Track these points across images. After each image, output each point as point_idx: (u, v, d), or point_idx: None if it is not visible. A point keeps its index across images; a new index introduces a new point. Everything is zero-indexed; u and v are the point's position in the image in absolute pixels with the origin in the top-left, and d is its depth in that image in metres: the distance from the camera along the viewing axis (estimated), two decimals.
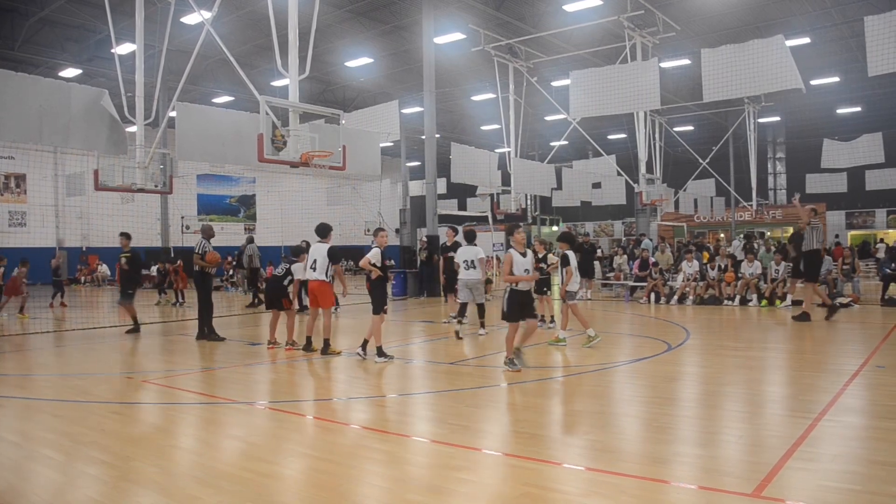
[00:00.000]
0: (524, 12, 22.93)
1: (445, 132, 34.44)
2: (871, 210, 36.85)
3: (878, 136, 25.02)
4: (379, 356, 8.59)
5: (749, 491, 3.89)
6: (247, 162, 13.86)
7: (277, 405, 6.57)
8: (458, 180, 20.37)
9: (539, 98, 25.36)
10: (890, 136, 26.36)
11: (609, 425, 5.60)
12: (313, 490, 4.22)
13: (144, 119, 15.39)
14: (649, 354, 8.97)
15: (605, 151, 25.96)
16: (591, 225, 48.48)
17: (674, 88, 28.21)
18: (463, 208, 32.82)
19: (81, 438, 5.40)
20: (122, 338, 11.76)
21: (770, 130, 41.04)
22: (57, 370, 8.85)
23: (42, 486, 4.38)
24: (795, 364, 8.39)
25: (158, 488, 4.25)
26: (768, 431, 5.23)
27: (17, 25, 22.77)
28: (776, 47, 14.83)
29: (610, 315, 14.39)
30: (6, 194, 30.76)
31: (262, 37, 23.74)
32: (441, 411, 6.19)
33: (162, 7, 17.68)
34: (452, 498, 4.01)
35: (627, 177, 23.92)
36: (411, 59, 27.26)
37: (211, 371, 8.71)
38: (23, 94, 11.09)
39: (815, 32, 23.86)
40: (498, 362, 8.78)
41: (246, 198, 39.72)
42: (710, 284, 15.99)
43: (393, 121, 18.05)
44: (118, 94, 14.62)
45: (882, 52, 12.87)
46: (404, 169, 32.40)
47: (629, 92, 17.02)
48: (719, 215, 36.27)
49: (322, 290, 9.34)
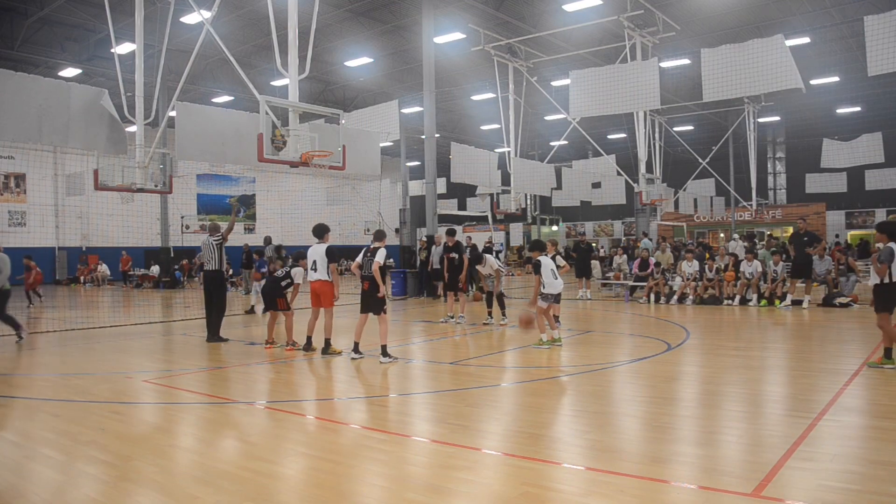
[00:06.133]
0: (524, 12, 22.94)
1: (445, 132, 34.45)
2: (871, 210, 36.86)
3: (878, 135, 25.05)
4: (384, 356, 8.59)
5: (749, 491, 3.89)
6: (247, 162, 13.86)
7: (277, 405, 6.57)
8: (458, 180, 20.36)
9: (539, 98, 25.37)
10: (890, 136, 26.39)
11: (609, 425, 5.60)
12: (313, 489, 4.22)
13: (144, 119, 15.38)
14: (649, 354, 8.97)
15: (605, 151, 25.96)
16: (591, 225, 48.51)
17: (674, 88, 28.22)
18: (463, 208, 32.86)
19: (81, 438, 5.40)
20: (123, 338, 11.76)
21: (770, 130, 41.05)
22: (57, 370, 8.85)
23: (42, 486, 4.38)
24: (795, 364, 8.39)
25: (158, 488, 4.25)
26: (768, 431, 5.23)
27: (16, 25, 22.77)
28: (776, 47, 14.83)
29: (610, 315, 14.39)
30: (6, 194, 30.76)
31: (261, 36, 23.76)
32: (441, 411, 6.19)
33: (162, 7, 17.69)
34: (452, 497, 4.01)
35: (627, 176, 23.92)
36: (411, 58, 27.27)
37: (211, 371, 8.70)
38: (22, 94, 11.07)
39: (815, 32, 23.88)
40: (498, 362, 8.81)
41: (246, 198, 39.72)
42: (708, 285, 16.00)
43: (393, 121, 18.04)
44: (118, 94, 14.61)
45: (882, 51, 12.87)
46: (404, 169, 32.42)
47: (629, 92, 17.01)
48: (719, 215, 36.28)
49: (324, 289, 9.34)
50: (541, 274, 9.32)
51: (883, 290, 7.49)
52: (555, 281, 9.38)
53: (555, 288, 9.38)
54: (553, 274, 9.40)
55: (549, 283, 9.31)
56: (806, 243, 14.98)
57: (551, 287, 9.33)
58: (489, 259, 12.53)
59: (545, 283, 9.30)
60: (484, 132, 36.76)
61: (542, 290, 9.34)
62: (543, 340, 9.42)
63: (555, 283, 9.37)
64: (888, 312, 7.47)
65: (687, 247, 22.52)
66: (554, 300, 9.50)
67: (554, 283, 9.36)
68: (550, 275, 9.35)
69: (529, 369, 8.16)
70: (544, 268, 9.36)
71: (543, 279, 9.30)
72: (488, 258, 12.56)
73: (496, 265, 12.62)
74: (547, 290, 9.32)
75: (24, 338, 11.13)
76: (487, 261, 12.44)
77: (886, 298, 7.48)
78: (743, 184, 32.19)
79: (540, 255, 9.51)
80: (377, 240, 8.92)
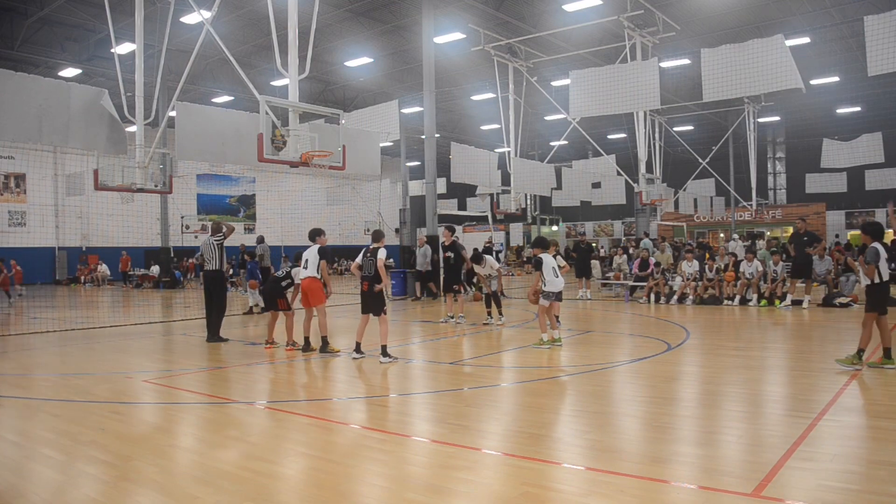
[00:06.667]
0: (524, 12, 22.94)
1: (445, 132, 34.45)
2: (871, 210, 36.83)
3: (878, 135, 25.04)
4: (384, 356, 8.59)
5: (749, 491, 3.89)
6: (247, 162, 13.86)
7: (277, 405, 6.57)
8: (458, 180, 20.36)
9: (539, 98, 25.37)
10: (890, 136, 26.38)
11: (609, 425, 5.60)
12: (313, 489, 4.22)
13: (144, 119, 15.39)
14: (649, 354, 8.97)
15: (605, 151, 25.96)
16: (591, 225, 48.51)
17: (674, 88, 28.22)
18: (463, 208, 32.85)
19: (81, 438, 5.40)
20: (123, 338, 11.76)
21: (770, 130, 41.06)
22: (57, 370, 8.85)
23: (42, 486, 4.38)
24: (795, 364, 8.39)
25: (158, 487, 4.25)
26: (768, 431, 5.23)
27: (16, 25, 22.77)
28: (776, 47, 14.83)
29: (610, 315, 14.39)
30: (6, 194, 30.76)
31: (261, 36, 23.77)
32: (441, 411, 6.19)
33: (162, 7, 17.70)
34: (452, 497, 4.01)
35: (627, 176, 23.92)
36: (411, 58, 27.28)
37: (211, 371, 8.70)
38: (22, 94, 11.07)
39: (815, 32, 23.88)
40: (498, 362, 8.81)
41: (246, 198, 39.73)
42: (708, 285, 16.00)
43: (393, 121, 18.04)
44: (118, 94, 14.62)
45: (882, 51, 12.87)
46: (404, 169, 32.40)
47: (629, 92, 17.01)
48: (719, 215, 36.28)
49: (311, 287, 9.34)
50: (542, 271, 9.32)
51: (875, 290, 7.49)
52: (556, 279, 9.38)
53: (556, 286, 9.38)
54: (554, 272, 9.40)
55: (550, 282, 9.31)
56: (806, 243, 14.99)
57: (552, 285, 9.33)
58: (489, 259, 12.52)
59: (546, 281, 9.29)
60: (484, 132, 36.76)
61: (543, 288, 9.34)
62: (544, 340, 9.42)
63: (556, 281, 9.37)
64: (879, 313, 7.47)
65: (687, 247, 22.52)
66: (555, 298, 9.50)
67: (555, 281, 9.36)
68: (552, 273, 9.35)
69: (529, 369, 8.16)
70: (546, 265, 9.35)
71: (544, 276, 9.29)
72: (488, 258, 12.55)
73: (496, 265, 12.61)
74: (548, 288, 9.32)
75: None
76: (487, 261, 12.42)
77: (879, 298, 7.48)
78: (743, 184, 32.19)
79: (542, 253, 9.51)
80: (376, 240, 8.93)
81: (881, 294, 7.48)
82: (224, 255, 11.02)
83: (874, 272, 7.39)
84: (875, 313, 7.46)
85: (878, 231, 7.67)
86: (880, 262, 7.39)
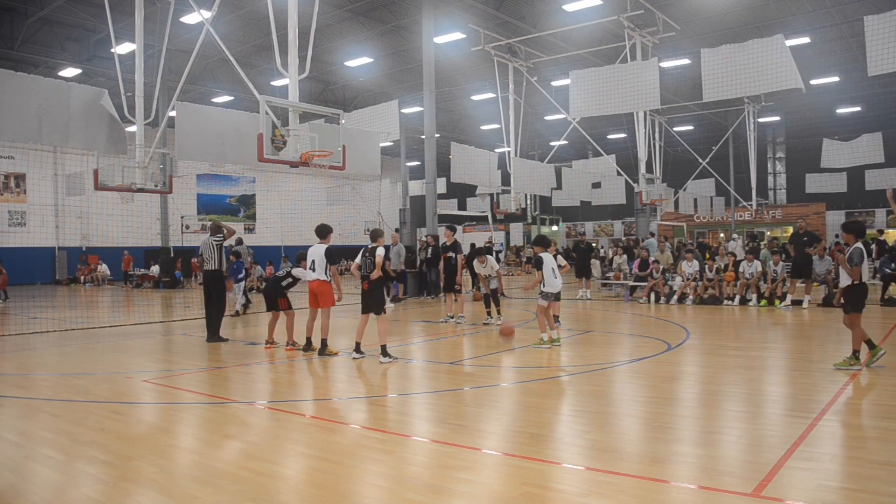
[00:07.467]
0: (524, 12, 22.95)
1: (445, 132, 34.46)
2: (871, 210, 36.86)
3: (878, 135, 25.04)
4: (384, 356, 8.59)
5: (749, 491, 3.89)
6: (247, 162, 13.86)
7: (277, 405, 6.57)
8: (458, 180, 20.36)
9: (539, 98, 25.37)
10: (890, 136, 26.38)
11: (609, 425, 5.60)
12: (313, 489, 4.22)
13: (144, 119, 15.39)
14: (649, 354, 8.96)
15: (605, 151, 25.97)
16: (591, 225, 48.51)
17: (674, 88, 28.23)
18: (463, 208, 32.85)
19: (81, 438, 5.40)
20: (123, 338, 11.76)
21: (770, 130, 41.07)
22: (57, 370, 8.85)
23: (42, 486, 4.38)
24: (795, 364, 8.38)
25: (158, 488, 4.25)
26: (768, 431, 5.23)
27: (16, 25, 22.78)
28: (776, 47, 14.83)
29: (610, 315, 14.39)
30: (6, 194, 30.76)
31: (261, 36, 23.78)
32: (441, 411, 6.19)
33: (162, 7, 17.71)
34: (452, 497, 4.01)
35: (627, 176, 23.93)
36: (411, 58, 27.28)
37: (211, 371, 8.70)
38: (22, 94, 11.08)
39: (815, 32, 23.89)
40: (498, 362, 8.80)
41: (246, 198, 39.72)
42: (708, 285, 16.00)
43: (393, 121, 18.04)
44: (118, 94, 14.62)
45: (882, 51, 12.87)
46: (404, 169, 32.42)
47: (629, 92, 17.01)
48: (719, 215, 36.29)
49: (322, 289, 9.33)
50: (542, 270, 9.31)
51: (853, 291, 7.51)
52: (555, 280, 9.37)
53: (555, 286, 9.37)
54: (553, 272, 9.39)
55: (549, 282, 9.30)
56: (806, 243, 14.99)
57: (551, 286, 9.33)
58: (489, 259, 12.52)
59: (545, 281, 9.29)
60: (484, 132, 36.76)
61: (542, 287, 9.33)
62: (544, 340, 9.42)
63: (555, 281, 9.36)
64: (860, 312, 7.49)
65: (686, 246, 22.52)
66: (554, 298, 9.49)
67: (554, 281, 9.35)
68: (551, 273, 9.34)
69: (529, 369, 8.15)
70: (546, 265, 9.35)
71: (544, 276, 9.29)
72: (489, 259, 12.55)
73: (496, 266, 12.61)
74: (547, 288, 9.31)
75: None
76: (488, 261, 12.42)
77: (856, 299, 7.50)
78: (743, 184, 32.19)
79: (542, 252, 9.49)
80: (374, 239, 8.94)
81: (860, 294, 7.52)
82: (223, 256, 11.03)
83: (858, 274, 7.41)
84: (858, 313, 7.48)
85: (862, 230, 7.76)
86: (863, 263, 7.42)
